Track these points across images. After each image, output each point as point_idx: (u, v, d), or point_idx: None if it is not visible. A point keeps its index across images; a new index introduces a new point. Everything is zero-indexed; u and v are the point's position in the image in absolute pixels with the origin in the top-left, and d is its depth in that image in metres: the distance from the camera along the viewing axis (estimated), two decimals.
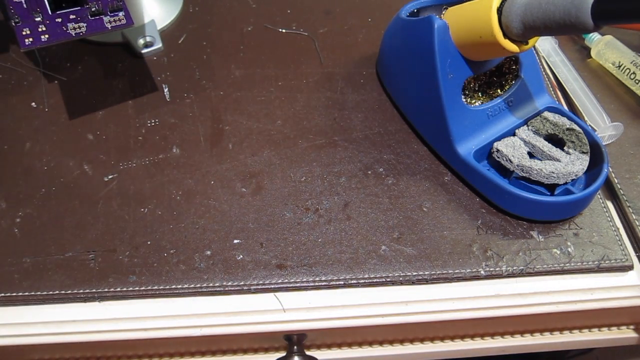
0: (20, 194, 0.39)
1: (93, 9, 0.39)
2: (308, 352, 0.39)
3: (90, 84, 0.46)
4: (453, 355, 0.41)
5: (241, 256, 0.36)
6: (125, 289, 0.34)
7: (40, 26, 0.38)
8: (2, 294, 0.34)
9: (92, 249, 0.36)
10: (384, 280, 0.35)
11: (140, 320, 0.34)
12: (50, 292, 0.34)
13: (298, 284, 0.35)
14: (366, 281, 0.35)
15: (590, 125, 0.43)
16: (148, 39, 0.48)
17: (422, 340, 0.41)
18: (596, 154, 0.38)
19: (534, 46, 0.39)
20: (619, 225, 0.38)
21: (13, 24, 0.38)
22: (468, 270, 0.35)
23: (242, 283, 0.35)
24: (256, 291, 0.35)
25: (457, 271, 0.35)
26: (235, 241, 0.37)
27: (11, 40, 0.49)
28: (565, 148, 0.38)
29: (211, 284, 0.35)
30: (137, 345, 0.37)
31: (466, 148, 0.39)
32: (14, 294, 0.34)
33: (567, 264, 0.36)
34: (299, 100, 0.45)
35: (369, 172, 0.40)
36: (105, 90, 0.45)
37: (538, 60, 0.45)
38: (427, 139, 0.42)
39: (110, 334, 0.34)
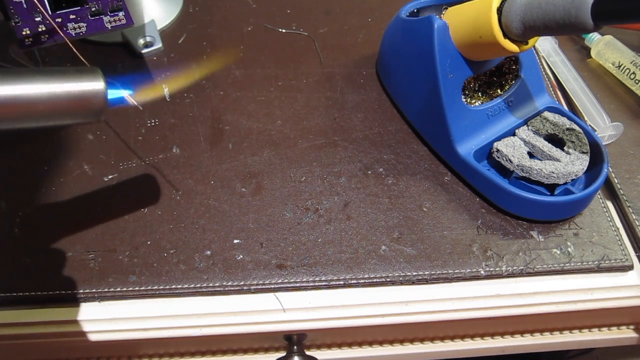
0: (20, 194, 0.39)
1: (93, 9, 0.39)
2: (308, 352, 0.39)
3: None
4: (453, 355, 0.41)
5: (241, 256, 0.36)
6: (125, 289, 0.34)
7: (40, 26, 0.38)
8: (2, 294, 0.34)
9: (92, 249, 0.36)
10: (384, 280, 0.35)
11: (140, 320, 0.34)
12: (50, 292, 0.34)
13: (298, 284, 0.35)
14: (366, 281, 0.35)
15: (590, 125, 0.43)
16: (148, 39, 0.48)
17: (422, 340, 0.41)
18: (596, 154, 0.38)
19: (534, 46, 0.39)
20: (619, 225, 0.38)
21: (13, 24, 0.38)
22: (468, 270, 0.35)
23: (242, 283, 0.35)
24: (256, 291, 0.35)
25: (457, 271, 0.35)
26: (235, 241, 0.37)
27: (11, 40, 0.49)
28: (565, 148, 0.38)
29: (211, 284, 0.35)
30: (137, 345, 0.37)
31: (466, 148, 0.39)
32: (14, 294, 0.34)
33: (567, 264, 0.36)
34: (299, 100, 0.45)
35: (369, 172, 0.40)
36: None
37: (538, 60, 0.45)
38: (427, 139, 0.42)
39: (110, 334, 0.34)
